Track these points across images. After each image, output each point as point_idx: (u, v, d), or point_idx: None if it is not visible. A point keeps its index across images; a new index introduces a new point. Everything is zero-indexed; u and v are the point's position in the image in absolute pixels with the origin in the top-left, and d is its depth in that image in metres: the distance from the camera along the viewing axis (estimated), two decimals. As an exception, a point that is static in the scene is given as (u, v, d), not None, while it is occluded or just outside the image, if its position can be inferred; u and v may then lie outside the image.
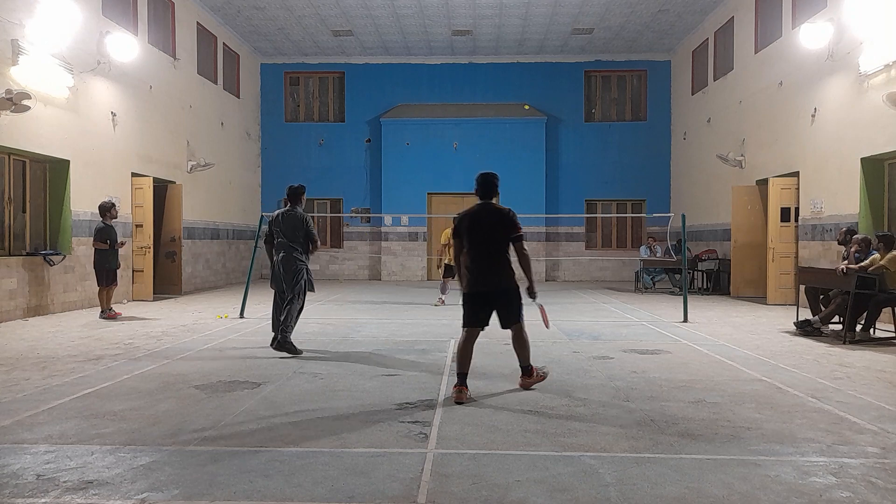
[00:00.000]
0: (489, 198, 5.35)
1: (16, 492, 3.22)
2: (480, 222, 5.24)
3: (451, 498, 3.17)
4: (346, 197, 19.64)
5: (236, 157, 18.06)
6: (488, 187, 5.35)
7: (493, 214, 5.26)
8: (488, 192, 5.35)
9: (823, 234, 11.26)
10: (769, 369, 6.25)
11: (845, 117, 10.66)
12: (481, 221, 5.25)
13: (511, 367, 6.27)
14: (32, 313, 10.03)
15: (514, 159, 18.56)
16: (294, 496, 3.19)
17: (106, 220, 10.13)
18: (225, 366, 6.33)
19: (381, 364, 6.47)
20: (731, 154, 14.62)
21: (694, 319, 9.83)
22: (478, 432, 4.22)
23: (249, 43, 18.46)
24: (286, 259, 7.02)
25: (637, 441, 4.03)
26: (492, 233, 5.22)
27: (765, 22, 13.67)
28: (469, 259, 5.25)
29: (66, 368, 6.15)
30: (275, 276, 7.13)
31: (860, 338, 7.86)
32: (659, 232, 17.84)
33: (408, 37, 17.83)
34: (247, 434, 4.16)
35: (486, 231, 5.21)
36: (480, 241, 5.21)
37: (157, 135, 13.78)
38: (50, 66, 10.23)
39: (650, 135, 19.44)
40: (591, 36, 17.72)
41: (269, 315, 7.40)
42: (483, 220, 5.25)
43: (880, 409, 4.80)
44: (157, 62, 13.83)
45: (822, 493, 3.23)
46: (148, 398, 5.05)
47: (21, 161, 10.35)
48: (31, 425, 4.32)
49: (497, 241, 5.22)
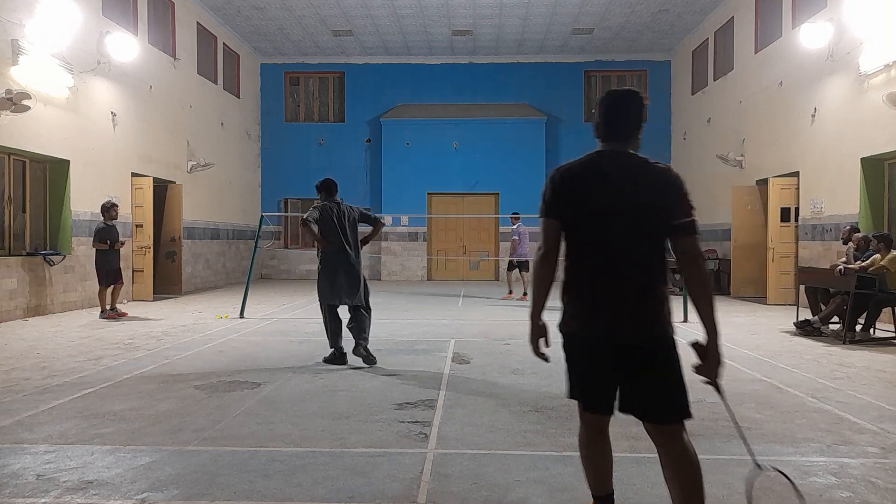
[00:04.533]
0: (625, 140, 2.60)
1: (16, 492, 3.22)
2: (611, 188, 2.52)
3: (451, 498, 3.17)
4: (346, 197, 19.40)
5: (236, 157, 18.06)
6: (626, 117, 2.61)
7: (641, 174, 2.52)
8: (624, 128, 2.61)
9: (823, 234, 11.26)
10: (769, 369, 6.24)
11: (845, 117, 10.66)
12: (613, 186, 2.52)
13: (511, 367, 6.26)
14: (32, 313, 10.03)
15: (514, 159, 18.58)
16: (294, 496, 3.19)
17: (106, 221, 10.14)
18: (225, 366, 6.33)
19: (381, 364, 6.46)
20: (731, 154, 14.62)
21: (694, 319, 9.79)
22: (478, 432, 4.21)
23: (249, 43, 18.46)
24: (348, 266, 6.37)
25: (637, 441, 4.02)
26: (637, 214, 2.49)
27: (765, 22, 13.67)
28: (579, 266, 2.60)
29: (66, 368, 6.15)
30: (337, 287, 6.31)
31: (860, 338, 7.86)
32: (659, 232, 17.84)
33: (408, 37, 17.83)
34: (247, 434, 4.15)
35: (624, 208, 2.50)
36: (608, 228, 2.52)
37: (157, 135, 13.78)
38: (50, 66, 10.22)
39: (650, 135, 19.11)
40: (591, 36, 17.72)
41: (270, 315, 7.39)
42: (617, 186, 2.52)
43: (880, 409, 4.80)
44: (157, 62, 13.83)
45: (822, 493, 3.23)
46: (148, 398, 5.05)
47: (21, 161, 10.35)
48: (31, 425, 4.32)
49: (644, 231, 2.51)
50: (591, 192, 2.54)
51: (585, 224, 2.55)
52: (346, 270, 6.40)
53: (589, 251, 2.55)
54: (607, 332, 2.52)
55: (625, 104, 2.62)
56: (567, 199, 2.57)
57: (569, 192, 2.57)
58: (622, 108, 2.61)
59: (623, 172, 2.53)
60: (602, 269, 2.53)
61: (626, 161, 2.56)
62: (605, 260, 2.52)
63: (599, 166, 2.57)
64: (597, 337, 2.55)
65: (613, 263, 2.51)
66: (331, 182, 6.72)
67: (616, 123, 2.60)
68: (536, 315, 2.68)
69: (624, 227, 2.49)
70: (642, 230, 2.49)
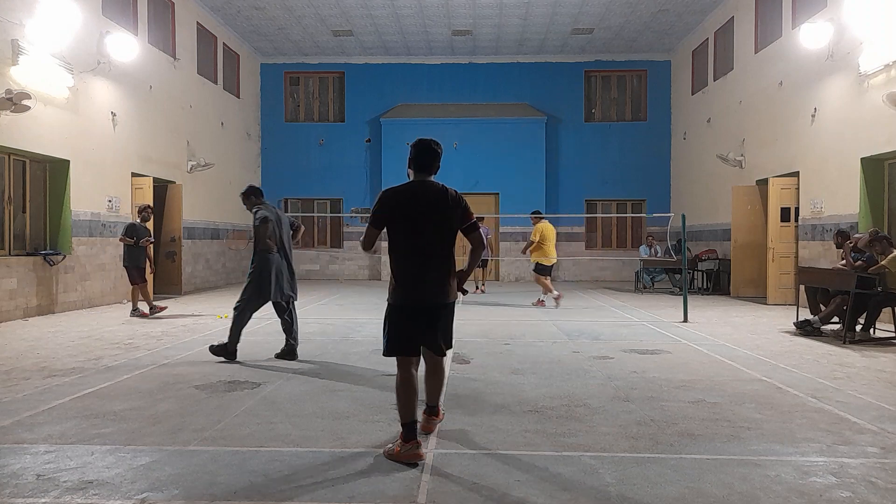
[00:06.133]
0: (428, 173, 3.88)
1: (16, 492, 3.22)
2: (423, 205, 3.78)
3: (451, 498, 3.17)
4: (346, 197, 19.63)
5: (236, 157, 18.06)
6: (432, 157, 3.86)
7: (441, 196, 3.81)
8: (429, 165, 3.87)
9: (823, 234, 11.26)
10: (769, 369, 6.25)
11: (845, 117, 10.66)
12: (425, 204, 3.78)
13: (511, 367, 6.27)
14: (32, 313, 10.03)
15: (514, 159, 18.58)
16: (294, 496, 3.19)
17: (135, 219, 10.40)
18: (225, 366, 6.33)
19: (381, 364, 6.46)
20: (731, 154, 14.63)
21: (694, 319, 9.83)
22: (478, 432, 4.21)
23: (249, 43, 18.46)
24: (288, 262, 6.76)
25: (637, 441, 4.03)
26: (441, 222, 3.81)
27: (765, 22, 13.67)
28: (402, 258, 3.83)
29: (66, 368, 6.15)
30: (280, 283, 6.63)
31: (860, 338, 7.86)
32: (659, 232, 17.85)
33: (408, 37, 17.83)
34: (247, 434, 4.15)
35: (433, 219, 3.79)
36: (423, 233, 3.79)
37: (157, 135, 13.78)
38: (50, 66, 10.22)
39: (650, 135, 19.43)
40: (591, 36, 17.72)
41: (269, 315, 7.38)
42: (427, 204, 3.79)
43: (880, 409, 4.80)
44: (157, 62, 13.83)
45: (822, 493, 3.23)
46: (148, 398, 5.05)
47: (21, 161, 10.35)
48: (31, 425, 4.32)
49: (446, 234, 3.86)
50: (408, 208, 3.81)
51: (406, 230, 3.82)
52: (289, 266, 6.79)
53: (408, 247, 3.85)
54: (422, 299, 3.85)
55: (430, 148, 3.86)
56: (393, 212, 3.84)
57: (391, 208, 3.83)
58: (428, 152, 3.86)
59: (429, 195, 3.81)
60: (417, 259, 3.82)
61: (432, 187, 3.84)
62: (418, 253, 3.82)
63: (414, 191, 3.84)
64: (414, 305, 3.86)
65: (426, 255, 3.83)
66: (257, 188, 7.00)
67: (422, 161, 3.85)
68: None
69: (429, 231, 3.82)
70: (443, 231, 3.86)
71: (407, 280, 3.78)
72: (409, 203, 3.76)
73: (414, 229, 3.76)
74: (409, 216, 3.75)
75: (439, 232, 3.80)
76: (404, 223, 3.76)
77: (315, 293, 14.64)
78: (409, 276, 3.78)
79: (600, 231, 19.83)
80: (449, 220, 3.81)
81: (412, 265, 3.78)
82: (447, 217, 3.80)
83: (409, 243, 3.78)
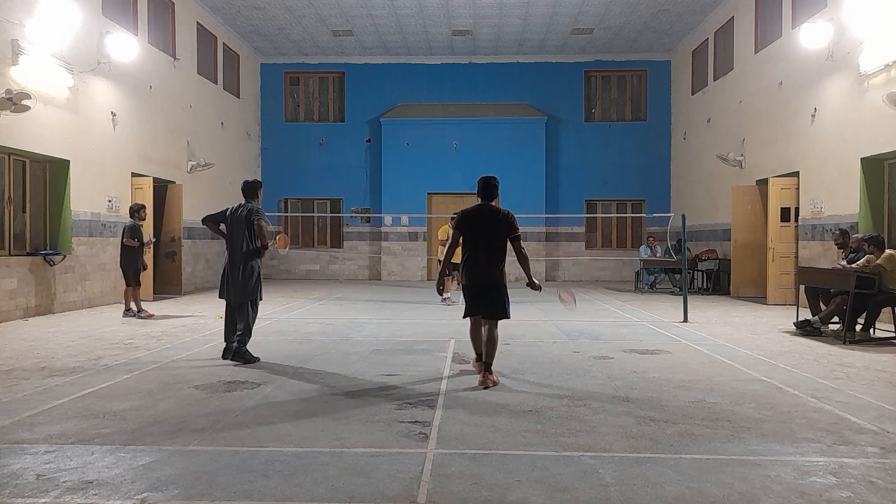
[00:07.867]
0: (490, 199, 5.75)
1: (16, 492, 3.22)
2: (482, 221, 5.64)
3: (451, 498, 3.17)
4: (346, 197, 19.63)
5: (236, 157, 18.06)
6: (490, 189, 5.76)
7: (494, 215, 5.67)
8: (489, 194, 5.77)
9: (823, 234, 11.26)
10: (769, 369, 6.25)
11: (845, 117, 10.66)
12: (482, 221, 5.64)
13: (511, 367, 6.28)
14: (32, 313, 10.03)
15: (514, 159, 18.56)
16: (294, 496, 3.19)
17: (136, 221, 10.30)
18: (225, 366, 6.33)
19: (382, 364, 6.47)
20: (731, 154, 14.63)
21: (694, 319, 9.83)
22: (478, 432, 4.21)
23: (249, 43, 18.46)
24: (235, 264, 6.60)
25: (637, 441, 4.03)
26: (493, 232, 5.61)
27: (765, 22, 13.67)
28: (469, 255, 5.65)
29: (66, 368, 6.15)
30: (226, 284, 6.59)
31: (860, 338, 7.86)
32: (659, 232, 17.84)
33: (408, 37, 17.83)
34: (247, 434, 4.15)
35: (487, 230, 5.61)
36: (480, 239, 5.59)
37: (157, 135, 13.78)
38: (50, 66, 10.22)
39: (650, 135, 19.43)
40: (591, 36, 17.72)
41: (269, 315, 7.40)
42: (484, 220, 5.65)
43: (880, 409, 4.80)
44: (157, 62, 13.83)
45: (822, 493, 3.23)
46: (148, 398, 5.05)
47: (21, 161, 10.35)
48: (31, 425, 4.32)
49: (496, 240, 5.62)
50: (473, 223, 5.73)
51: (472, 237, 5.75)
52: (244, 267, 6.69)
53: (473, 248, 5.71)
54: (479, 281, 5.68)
55: (489, 184, 5.73)
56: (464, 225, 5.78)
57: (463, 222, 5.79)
58: (489, 186, 5.73)
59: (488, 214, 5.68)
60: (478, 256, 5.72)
61: (490, 209, 5.70)
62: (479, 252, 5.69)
63: (479, 211, 5.75)
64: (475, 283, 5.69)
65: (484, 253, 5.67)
66: (252, 184, 7.11)
67: (485, 193, 5.72)
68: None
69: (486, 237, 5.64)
70: (496, 238, 5.64)
71: (469, 269, 5.65)
72: (474, 219, 5.66)
73: (475, 236, 5.61)
74: (472, 228, 5.64)
75: (492, 239, 5.60)
76: (469, 232, 5.65)
77: (315, 293, 14.64)
78: (470, 266, 5.64)
79: (600, 231, 19.83)
80: (497, 232, 5.60)
81: (472, 260, 5.62)
82: (497, 229, 5.60)
83: (471, 245, 5.62)
